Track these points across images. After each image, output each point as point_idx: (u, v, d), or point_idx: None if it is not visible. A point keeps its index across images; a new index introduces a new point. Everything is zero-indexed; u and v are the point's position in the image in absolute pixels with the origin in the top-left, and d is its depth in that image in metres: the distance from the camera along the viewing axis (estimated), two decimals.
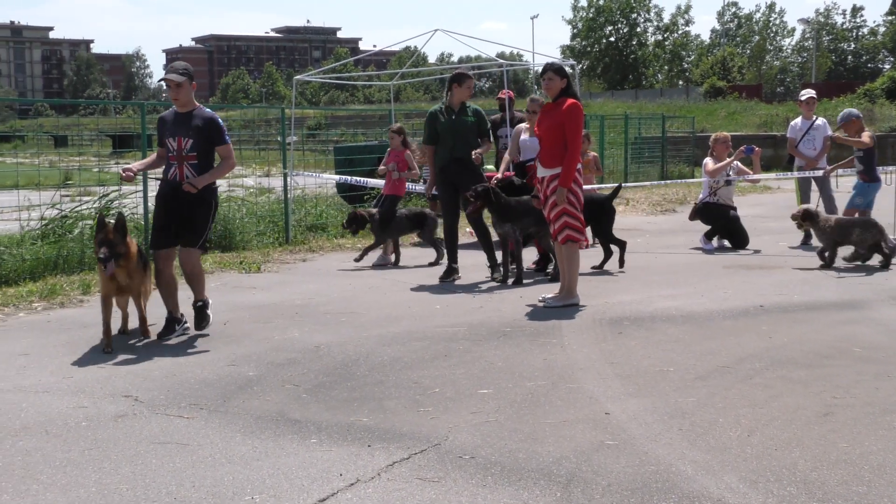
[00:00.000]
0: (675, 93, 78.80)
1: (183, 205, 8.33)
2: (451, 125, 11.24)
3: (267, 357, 7.52)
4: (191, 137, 8.28)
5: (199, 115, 8.42)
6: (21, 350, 7.92)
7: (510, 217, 10.82)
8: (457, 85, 11.26)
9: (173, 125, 8.42)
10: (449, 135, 11.24)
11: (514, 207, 10.85)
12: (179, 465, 5.13)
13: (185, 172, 8.30)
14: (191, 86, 8.47)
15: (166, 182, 8.44)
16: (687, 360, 7.20)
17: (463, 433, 5.57)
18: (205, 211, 8.42)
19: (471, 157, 11.27)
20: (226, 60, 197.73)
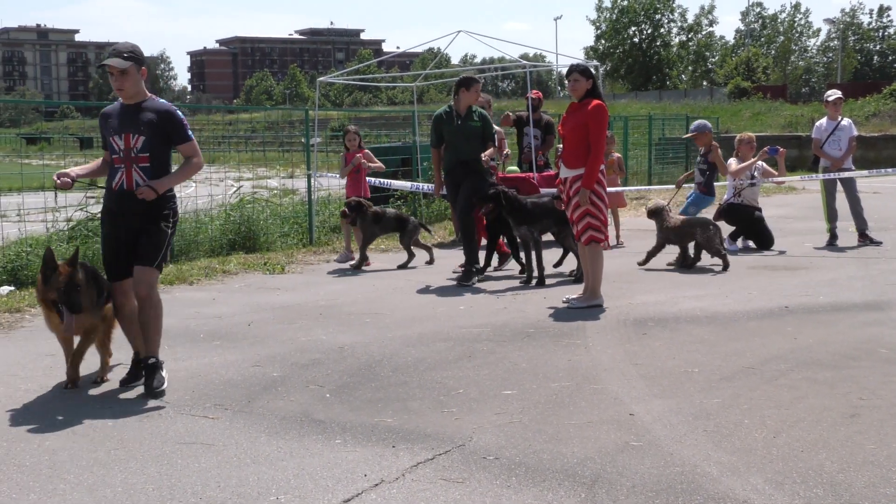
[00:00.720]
0: (700, 94, 78.57)
1: (135, 217, 6.75)
2: (458, 129, 11.23)
3: (291, 358, 7.55)
4: (141, 134, 6.67)
5: (152, 107, 6.79)
6: (47, 351, 7.96)
7: (526, 219, 10.81)
8: (464, 89, 11.28)
9: (119, 121, 6.78)
10: (455, 139, 11.25)
11: (531, 210, 10.85)
12: (205, 465, 5.15)
13: (135, 177, 6.69)
14: (139, 73, 6.81)
15: (110, 193, 6.88)
16: (712, 361, 7.17)
17: (487, 434, 5.56)
18: (162, 223, 6.79)
19: (476, 161, 11.26)
20: (250, 62, 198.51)
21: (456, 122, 11.24)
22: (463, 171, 11.25)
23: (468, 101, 11.29)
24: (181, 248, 13.02)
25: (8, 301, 9.93)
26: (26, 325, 9.06)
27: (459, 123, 11.23)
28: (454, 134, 11.23)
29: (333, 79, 20.44)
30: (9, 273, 10.89)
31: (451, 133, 11.25)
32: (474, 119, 11.30)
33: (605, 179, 9.60)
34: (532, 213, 10.84)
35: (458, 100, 11.31)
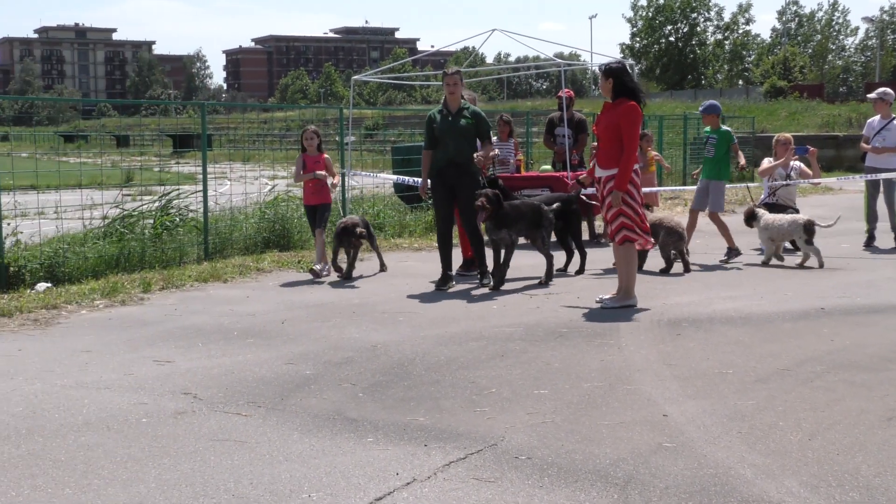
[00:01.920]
0: (735, 93, 78.03)
1: None
2: (448, 127, 10.88)
3: (324, 356, 7.56)
4: None
5: None
6: (83, 347, 8.04)
7: (507, 223, 10.62)
8: (444, 85, 11.02)
9: None
10: (446, 137, 10.87)
11: (510, 213, 10.66)
12: (238, 462, 5.17)
13: None
14: None
15: None
16: (746, 363, 7.12)
17: (519, 433, 5.55)
18: None
19: (469, 161, 10.85)
20: (285, 61, 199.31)
21: (446, 119, 10.91)
22: (455, 174, 10.85)
23: (451, 96, 10.94)
24: (216, 245, 13.10)
25: (45, 297, 10.02)
26: (62, 322, 9.14)
27: (450, 121, 10.88)
28: (444, 132, 10.86)
29: (368, 77, 20.49)
30: (46, 269, 10.99)
31: (440, 131, 10.89)
32: (467, 117, 10.91)
33: (638, 179, 9.55)
34: (511, 216, 10.68)
35: (447, 98, 11.04)
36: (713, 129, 13.06)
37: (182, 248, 12.65)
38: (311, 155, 12.19)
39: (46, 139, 61.00)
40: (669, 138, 29.96)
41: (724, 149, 12.70)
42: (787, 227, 12.16)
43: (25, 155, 38.00)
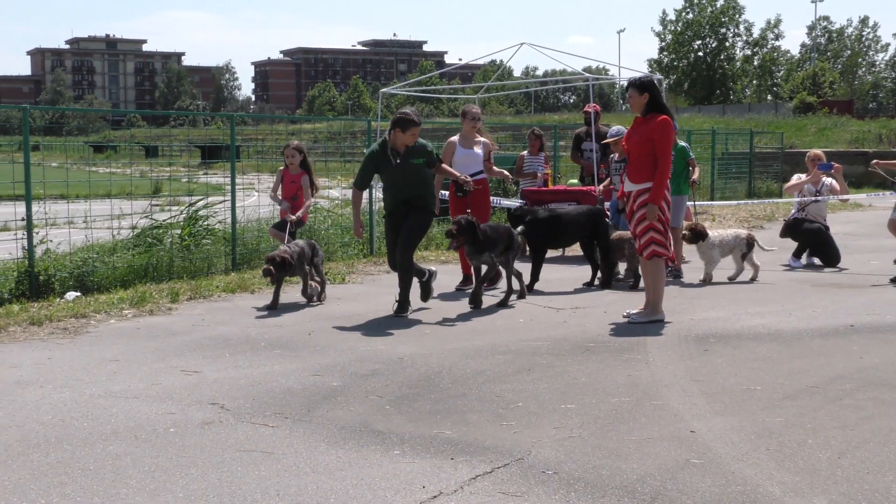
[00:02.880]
0: (764, 108, 77.75)
1: None
2: (399, 171, 10.16)
3: (351, 367, 7.57)
4: None
5: None
6: (111, 356, 8.08)
7: (487, 245, 10.34)
8: (399, 130, 10.04)
9: None
10: (396, 180, 10.24)
11: (490, 236, 10.39)
12: (264, 472, 5.18)
13: None
14: None
15: None
16: (775, 380, 7.08)
17: (546, 448, 5.54)
18: None
19: (421, 197, 10.28)
20: (313, 73, 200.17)
21: (394, 162, 10.12)
22: (408, 210, 10.23)
23: (404, 142, 10.09)
24: (243, 256, 13.15)
25: (74, 306, 10.09)
26: (91, 331, 9.20)
27: (399, 163, 10.12)
28: (395, 175, 10.18)
29: (396, 90, 20.53)
30: (75, 279, 11.06)
31: (390, 175, 10.22)
32: (416, 157, 10.20)
33: (668, 195, 9.53)
34: (491, 239, 10.42)
35: (394, 138, 10.12)
36: None
37: (210, 259, 12.71)
38: (292, 172, 11.87)
39: (76, 149, 61.44)
40: (697, 153, 29.71)
41: (682, 164, 12.51)
42: (731, 242, 12.30)
43: (56, 165, 38.33)
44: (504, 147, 30.91)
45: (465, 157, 11.79)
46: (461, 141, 11.93)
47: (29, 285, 10.65)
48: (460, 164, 11.68)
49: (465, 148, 11.86)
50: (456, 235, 10.08)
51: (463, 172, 11.45)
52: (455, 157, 11.80)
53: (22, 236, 10.96)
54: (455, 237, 10.10)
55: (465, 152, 11.80)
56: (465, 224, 10.09)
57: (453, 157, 11.83)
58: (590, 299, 10.87)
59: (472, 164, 11.74)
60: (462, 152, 11.80)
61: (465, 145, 11.89)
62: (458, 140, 11.95)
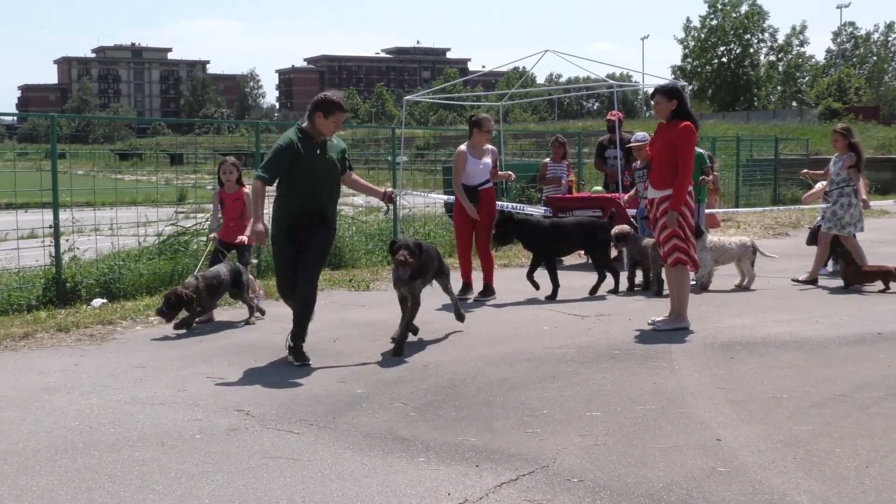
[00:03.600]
0: (789, 114, 77.38)
1: None
2: (319, 167, 8.26)
3: (376, 375, 7.59)
4: None
5: None
6: (137, 363, 8.13)
7: (422, 271, 8.84)
8: (321, 115, 8.23)
9: None
10: (314, 175, 8.23)
11: (427, 261, 8.95)
12: (290, 479, 5.19)
13: None
14: None
15: None
16: (801, 388, 7.04)
17: (571, 456, 5.53)
18: None
19: (332, 208, 8.58)
20: (337, 81, 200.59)
21: (316, 151, 8.25)
22: (312, 226, 8.30)
23: (326, 130, 8.28)
24: (268, 263, 13.18)
25: (100, 313, 10.15)
26: (118, 338, 9.25)
27: (318, 154, 8.24)
28: (313, 172, 8.19)
29: (419, 97, 20.60)
30: (101, 286, 11.13)
31: (307, 171, 8.15)
32: (334, 152, 8.47)
33: (692, 201, 9.50)
34: (428, 264, 8.99)
35: (313, 126, 8.27)
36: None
37: None
38: (230, 192, 10.72)
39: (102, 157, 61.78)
40: (722, 160, 29.74)
41: (699, 172, 12.27)
42: (735, 250, 12.26)
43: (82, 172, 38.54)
44: (528, 154, 30.93)
45: (477, 167, 11.63)
46: (471, 151, 11.68)
47: (56, 292, 10.73)
48: (471, 175, 11.61)
49: (476, 158, 11.65)
50: (409, 262, 8.43)
51: (472, 182, 11.55)
52: (467, 167, 11.62)
53: (49, 243, 11.05)
54: (406, 264, 8.44)
55: (476, 163, 11.64)
56: (415, 248, 8.54)
57: (463, 168, 11.59)
58: (614, 307, 10.85)
59: (481, 175, 11.66)
60: (473, 163, 11.63)
61: (476, 155, 11.67)
62: (468, 150, 11.70)
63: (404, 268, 8.47)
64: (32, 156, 40.79)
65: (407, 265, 8.42)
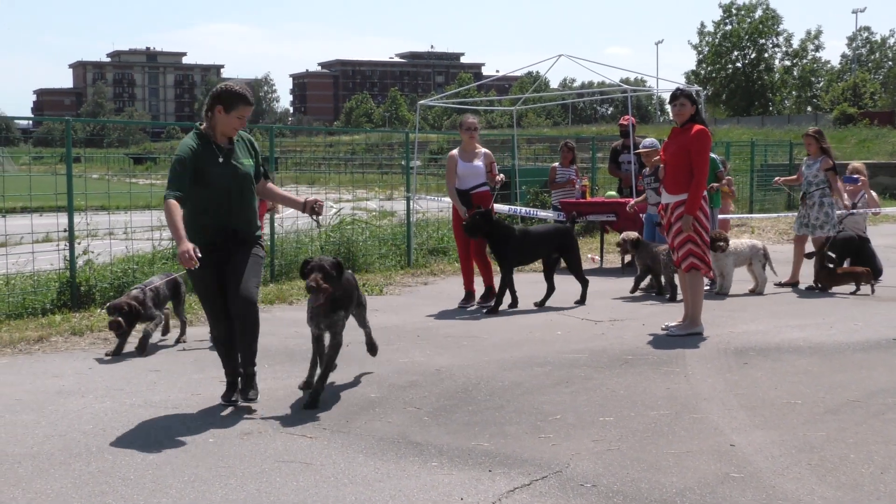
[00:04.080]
0: (804, 119, 77.12)
1: None
2: (223, 174, 6.85)
3: (389, 379, 7.59)
4: None
5: None
6: (151, 366, 8.15)
7: (345, 300, 7.26)
8: (222, 110, 6.84)
9: None
10: (217, 190, 6.82)
11: (349, 288, 7.37)
12: (303, 483, 5.20)
13: None
14: None
15: None
16: (815, 393, 7.01)
17: (584, 461, 5.52)
18: None
19: (250, 223, 7.05)
20: (351, 85, 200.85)
21: (218, 159, 6.84)
22: (231, 246, 6.91)
23: (226, 129, 6.89)
24: (282, 267, 13.22)
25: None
26: (132, 341, 9.26)
27: (223, 162, 6.85)
28: (218, 179, 6.80)
29: (433, 102, 20.59)
30: (115, 290, 11.15)
31: (211, 179, 6.77)
32: (245, 155, 7.04)
33: (707, 206, 9.48)
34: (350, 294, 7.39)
35: (214, 123, 6.88)
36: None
37: None
38: None
39: (117, 161, 62.02)
40: (736, 165, 29.68)
41: (712, 177, 12.09)
42: (747, 252, 12.24)
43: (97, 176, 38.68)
44: (541, 159, 30.89)
45: (468, 171, 11.46)
46: (462, 154, 11.52)
47: (70, 296, 10.76)
48: (463, 179, 11.46)
49: (466, 162, 11.46)
50: (322, 287, 6.79)
51: (464, 186, 11.36)
52: (458, 170, 11.46)
53: (64, 247, 11.08)
54: (319, 290, 6.80)
55: (466, 166, 11.44)
56: (332, 269, 6.87)
57: (455, 172, 11.45)
58: (628, 311, 10.83)
59: (474, 178, 11.48)
60: (463, 167, 11.44)
61: (466, 159, 11.48)
62: (459, 154, 11.55)
63: (316, 295, 6.81)
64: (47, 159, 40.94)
65: (321, 291, 6.78)
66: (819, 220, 12.62)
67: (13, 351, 8.85)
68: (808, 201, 12.69)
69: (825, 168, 12.57)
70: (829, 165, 12.59)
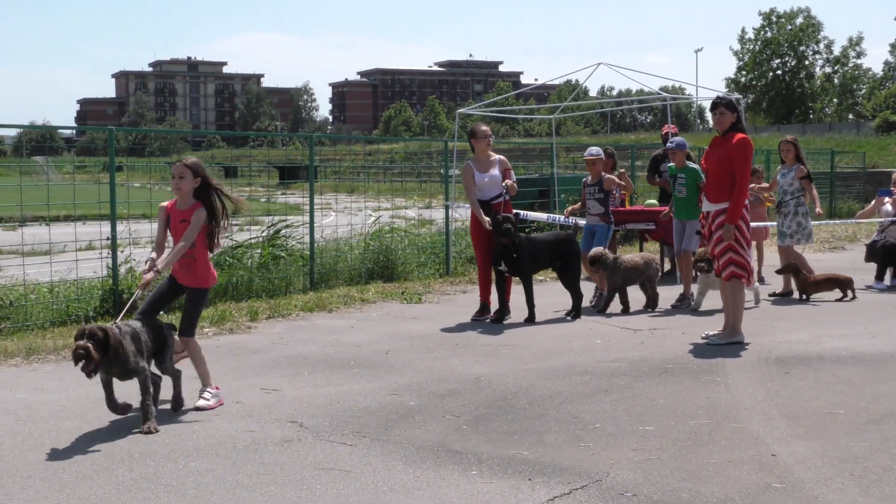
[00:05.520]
0: (845, 127, 76.55)
1: None
2: None
3: (428, 387, 7.60)
4: None
5: None
6: (193, 374, 8.18)
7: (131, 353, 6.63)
8: None
9: None
10: None
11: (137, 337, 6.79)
12: (343, 491, 5.22)
13: None
14: None
15: None
16: (858, 403, 6.95)
17: (624, 470, 5.50)
18: None
19: None
20: (389, 94, 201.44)
21: None
22: None
23: None
24: (321, 276, 13.28)
25: None
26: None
27: None
28: None
29: (472, 110, 20.62)
30: None
31: None
32: None
33: (748, 214, 9.43)
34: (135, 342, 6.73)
35: None
36: (679, 167, 11.98)
37: (288, 278, 12.85)
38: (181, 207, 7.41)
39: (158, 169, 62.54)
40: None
41: (694, 188, 11.67)
42: None
43: (138, 185, 39.06)
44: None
45: (486, 181, 11.11)
46: (477, 165, 11.18)
47: (113, 303, 10.86)
48: (483, 190, 11.11)
49: (482, 172, 11.12)
50: (89, 357, 6.29)
51: (484, 197, 11.02)
52: (476, 183, 11.11)
53: (106, 255, 11.19)
54: (88, 359, 6.30)
55: (483, 177, 11.10)
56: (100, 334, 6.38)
57: (473, 183, 11.10)
58: (668, 321, 10.78)
59: (493, 188, 11.13)
60: (481, 177, 11.10)
61: (482, 169, 11.15)
62: (474, 164, 11.19)
63: (85, 364, 6.31)
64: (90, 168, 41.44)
65: (91, 361, 6.29)
66: (790, 229, 12.57)
67: (57, 358, 8.95)
68: (783, 209, 12.62)
69: (800, 176, 12.53)
70: (804, 174, 12.56)
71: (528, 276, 11.06)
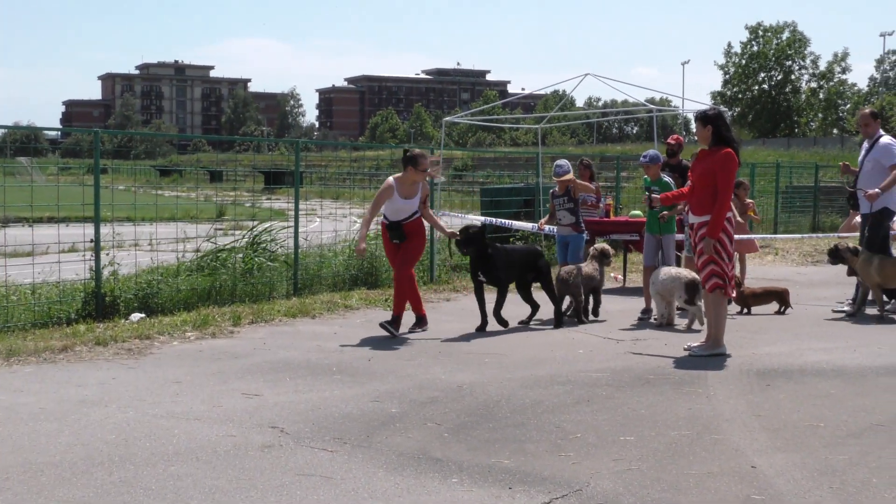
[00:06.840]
0: (830, 142, 76.94)
1: None
2: None
3: (410, 395, 7.60)
4: None
5: None
6: (174, 378, 8.19)
7: None
8: None
9: None
10: None
11: None
12: (323, 497, 5.21)
13: None
14: None
15: None
16: (838, 416, 6.98)
17: (604, 480, 5.51)
18: None
19: None
20: (376, 101, 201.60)
21: None
22: None
23: None
24: (304, 281, 13.25)
25: (138, 328, 10.24)
26: (155, 352, 9.32)
27: None
28: None
29: (458, 119, 20.69)
30: (140, 300, 11.23)
31: None
32: None
33: (731, 227, 9.45)
34: None
35: None
36: (654, 180, 11.89)
37: (272, 284, 12.82)
38: None
39: (143, 173, 62.44)
40: (761, 186, 29.63)
41: None
42: (669, 284, 11.06)
43: (123, 188, 38.98)
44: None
45: (405, 205, 10.66)
46: (400, 188, 10.60)
47: (95, 306, 10.83)
48: (399, 212, 10.66)
49: (402, 198, 10.60)
50: None
51: (396, 217, 10.62)
52: (391, 204, 10.63)
53: (89, 257, 11.15)
54: None
55: (402, 202, 10.62)
56: None
57: (388, 202, 10.63)
58: (650, 332, 10.81)
59: (408, 211, 10.72)
60: (400, 202, 10.60)
61: (403, 194, 10.60)
62: (397, 185, 10.61)
63: None
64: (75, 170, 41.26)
65: None
66: None
67: (38, 360, 8.91)
68: None
69: None
70: None
71: (505, 285, 11.06)
